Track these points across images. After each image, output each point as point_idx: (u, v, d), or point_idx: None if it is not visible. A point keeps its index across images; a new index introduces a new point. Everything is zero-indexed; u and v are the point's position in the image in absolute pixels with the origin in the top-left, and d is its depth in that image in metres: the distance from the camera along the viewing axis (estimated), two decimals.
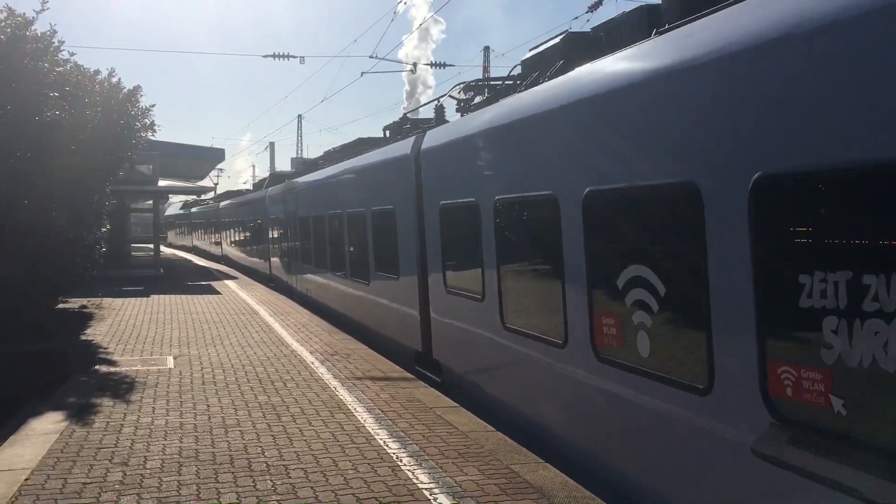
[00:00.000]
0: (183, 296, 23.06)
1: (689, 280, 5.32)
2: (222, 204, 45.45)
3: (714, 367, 5.02)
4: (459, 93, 11.82)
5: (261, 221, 30.40)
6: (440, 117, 13.58)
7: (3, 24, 14.47)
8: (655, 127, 5.67)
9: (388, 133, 16.18)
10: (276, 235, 26.94)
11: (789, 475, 4.41)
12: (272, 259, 28.30)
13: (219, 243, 47.05)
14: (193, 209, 65.01)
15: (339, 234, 16.74)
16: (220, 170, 72.94)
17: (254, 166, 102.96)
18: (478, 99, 10.99)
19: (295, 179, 23.42)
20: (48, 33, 15.12)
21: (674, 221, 5.71)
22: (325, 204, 18.41)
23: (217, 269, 36.38)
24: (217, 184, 69.88)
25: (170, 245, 75.98)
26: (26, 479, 6.82)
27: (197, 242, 60.35)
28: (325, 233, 18.38)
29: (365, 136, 22.51)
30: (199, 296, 23.23)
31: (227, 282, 29.12)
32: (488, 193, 8.82)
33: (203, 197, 60.33)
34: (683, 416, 5.40)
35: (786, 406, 4.50)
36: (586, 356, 6.70)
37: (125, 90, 17.88)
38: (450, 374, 10.78)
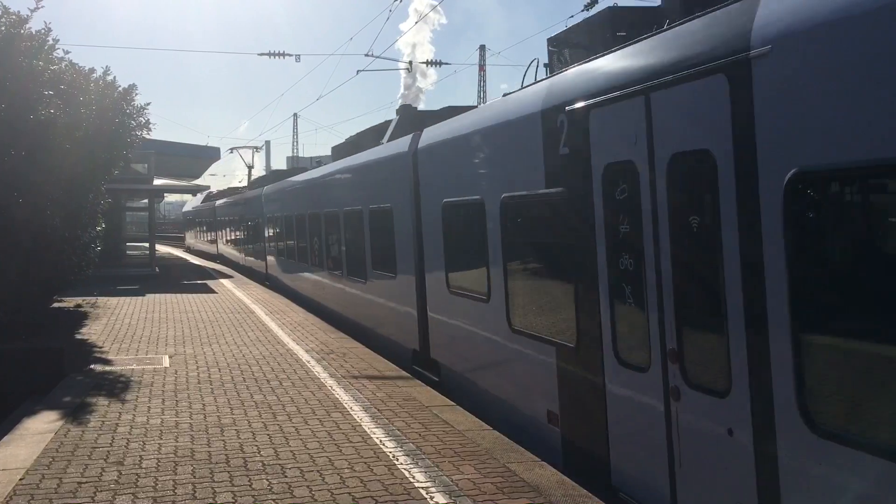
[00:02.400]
0: (178, 294, 23.01)
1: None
2: (268, 190, 27.78)
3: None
4: None
5: (396, 216, 13.19)
6: None
7: None
8: None
9: None
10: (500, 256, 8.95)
11: None
12: (436, 317, 11.35)
13: (261, 254, 29.97)
14: (220, 202, 44.74)
15: None
16: (257, 148, 55.82)
17: (251, 168, 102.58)
18: None
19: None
20: (43, 31, 15.04)
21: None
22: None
23: (213, 268, 36.30)
24: (252, 166, 51.28)
25: (188, 249, 58.87)
26: (21, 479, 6.80)
27: (225, 249, 42.21)
28: None
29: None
30: (195, 294, 23.18)
31: (223, 280, 29.06)
32: None
33: (238, 184, 47.54)
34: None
35: None
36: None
37: (120, 89, 17.80)
38: None
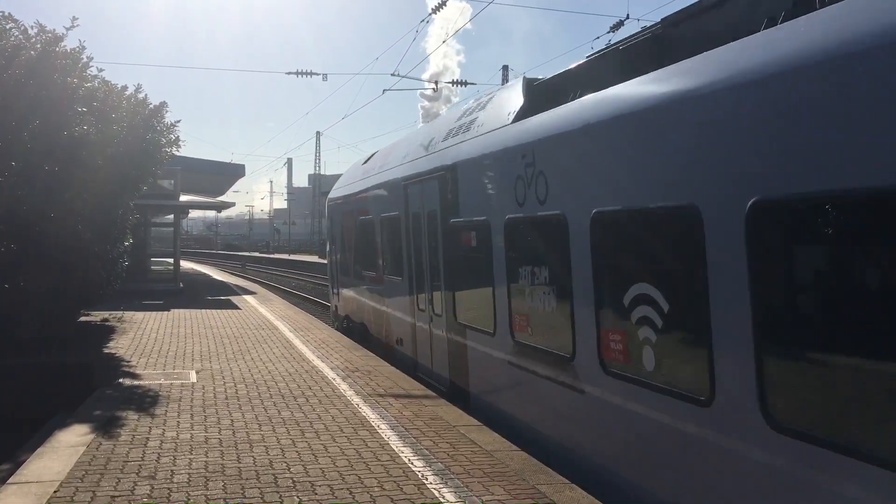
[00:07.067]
0: (203, 310, 23.18)
1: None
2: None
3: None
4: None
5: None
6: None
7: (34, 39, 14.71)
8: None
9: None
10: None
11: None
12: None
13: None
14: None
15: None
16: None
17: (271, 182, 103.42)
18: None
19: None
20: (77, 49, 15.33)
21: None
22: None
23: (237, 284, 36.53)
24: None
25: (344, 323, 19.27)
26: (55, 492, 6.86)
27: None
28: None
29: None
30: (219, 310, 23.35)
31: (246, 297, 29.25)
32: None
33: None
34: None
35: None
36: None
37: (151, 106, 18.05)
38: None
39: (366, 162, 17.74)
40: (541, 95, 9.50)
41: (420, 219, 12.44)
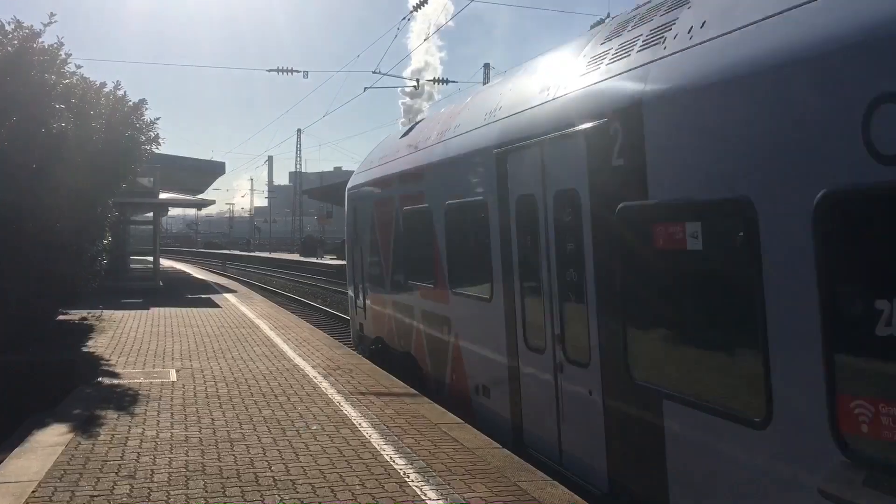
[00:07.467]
0: (183, 309, 23.03)
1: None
2: None
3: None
4: None
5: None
6: None
7: (11, 35, 14.57)
8: None
9: None
10: None
11: None
12: None
13: None
14: None
15: None
16: None
17: (252, 180, 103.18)
18: None
19: None
20: (55, 45, 15.21)
21: None
22: None
23: (217, 283, 36.31)
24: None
25: (368, 327, 15.34)
26: (33, 492, 6.81)
27: None
28: None
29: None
30: (199, 309, 23.21)
31: (227, 295, 29.10)
32: None
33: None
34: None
35: None
36: None
37: (130, 103, 17.92)
38: None
39: (405, 135, 13.73)
40: None
41: (534, 205, 8.07)
